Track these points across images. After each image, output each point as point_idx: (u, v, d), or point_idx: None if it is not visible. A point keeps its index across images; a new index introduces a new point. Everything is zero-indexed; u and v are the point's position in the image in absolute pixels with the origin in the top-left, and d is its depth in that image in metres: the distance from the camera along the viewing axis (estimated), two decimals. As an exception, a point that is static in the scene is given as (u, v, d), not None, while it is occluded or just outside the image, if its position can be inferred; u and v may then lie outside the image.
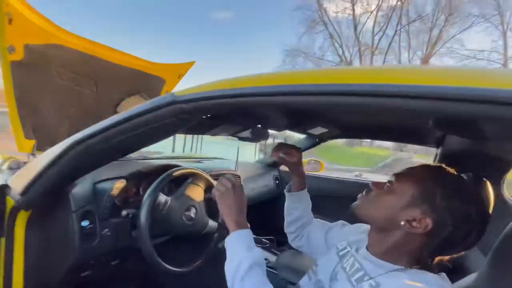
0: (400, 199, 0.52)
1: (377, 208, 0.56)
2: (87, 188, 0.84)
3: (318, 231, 0.82)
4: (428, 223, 0.48)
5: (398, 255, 0.53)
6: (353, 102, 0.41)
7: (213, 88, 0.54)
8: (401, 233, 0.52)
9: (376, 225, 0.57)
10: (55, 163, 0.67)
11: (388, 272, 0.52)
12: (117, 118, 0.63)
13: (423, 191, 0.50)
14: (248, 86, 0.50)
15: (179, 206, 0.92)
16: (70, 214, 0.77)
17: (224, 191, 0.66)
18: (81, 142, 0.66)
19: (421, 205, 0.50)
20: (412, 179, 0.53)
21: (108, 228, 0.85)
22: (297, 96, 0.45)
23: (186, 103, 0.57)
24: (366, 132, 1.44)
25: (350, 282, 0.55)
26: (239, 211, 0.64)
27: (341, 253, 0.65)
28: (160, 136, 0.69)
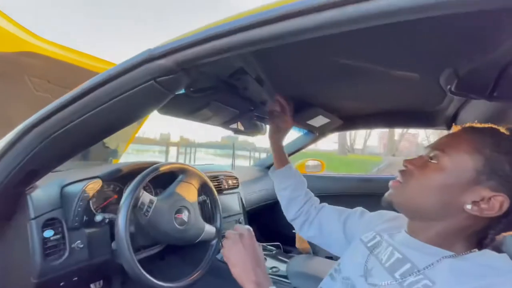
0: (457, 177, 0.41)
1: (428, 193, 0.43)
2: (52, 192, 0.68)
3: (332, 218, 0.69)
4: (503, 201, 0.37)
5: (456, 240, 0.42)
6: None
7: (196, 32, 0.44)
8: (462, 217, 0.41)
9: (427, 215, 0.44)
10: (6, 152, 0.53)
11: (440, 259, 0.40)
12: (83, 87, 0.50)
13: (487, 162, 0.39)
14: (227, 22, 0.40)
15: (167, 207, 0.77)
16: (28, 222, 0.61)
17: (231, 244, 0.53)
18: (39, 124, 0.52)
19: (489, 180, 0.39)
20: (468, 149, 0.41)
21: (80, 240, 0.69)
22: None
23: (166, 57, 0.46)
24: (372, 120, 1.35)
25: (392, 277, 0.42)
26: (256, 265, 0.51)
27: (370, 244, 0.53)
28: (137, 111, 0.56)
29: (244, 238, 0.54)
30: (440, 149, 0.44)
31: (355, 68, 0.70)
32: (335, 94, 0.98)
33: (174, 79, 0.49)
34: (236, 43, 0.40)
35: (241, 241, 0.53)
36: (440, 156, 0.43)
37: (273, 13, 0.36)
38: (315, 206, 0.75)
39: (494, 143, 0.40)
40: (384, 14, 0.32)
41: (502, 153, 0.39)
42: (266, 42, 0.39)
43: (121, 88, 0.49)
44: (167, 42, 0.46)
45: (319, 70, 0.73)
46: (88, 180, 0.74)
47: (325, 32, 0.36)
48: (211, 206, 0.95)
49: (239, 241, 0.53)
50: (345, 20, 0.33)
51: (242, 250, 0.52)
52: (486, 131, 0.43)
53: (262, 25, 0.37)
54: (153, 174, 0.74)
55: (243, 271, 0.50)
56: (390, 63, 0.66)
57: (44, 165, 0.59)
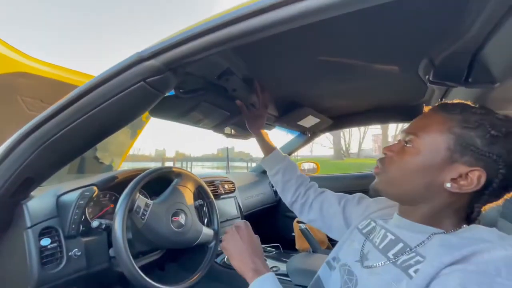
0: (432, 157, 0.42)
1: (408, 177, 0.44)
2: (48, 201, 0.68)
3: (333, 202, 0.70)
4: (480, 175, 0.39)
5: (443, 217, 0.43)
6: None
7: (181, 33, 0.47)
8: (445, 195, 0.42)
9: (412, 198, 0.45)
10: (2, 161, 0.54)
11: (430, 236, 0.41)
12: (76, 92, 0.52)
13: (458, 139, 0.40)
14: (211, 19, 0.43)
15: (164, 210, 0.77)
16: (24, 231, 0.61)
17: (229, 236, 0.56)
18: (35, 130, 0.54)
19: (462, 156, 0.40)
20: (438, 129, 0.42)
21: (77, 248, 0.68)
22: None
23: (154, 57, 0.49)
24: (360, 117, 1.38)
25: (386, 257, 0.44)
26: (254, 254, 0.53)
27: (366, 230, 0.54)
28: (129, 113, 0.57)
29: (241, 230, 0.56)
30: (413, 132, 0.45)
31: (337, 65, 0.74)
32: (322, 93, 1.01)
33: (162, 79, 0.52)
34: (216, 40, 0.43)
35: (238, 233, 0.56)
36: (414, 139, 0.45)
37: (245, 11, 0.39)
38: (314, 189, 0.76)
39: (462, 119, 0.41)
40: (342, 4, 0.35)
41: (471, 129, 0.40)
42: (242, 38, 0.42)
43: (113, 90, 0.51)
44: (154, 44, 0.49)
45: (303, 69, 0.76)
46: (83, 188, 0.75)
47: (295, 23, 0.39)
48: (208, 209, 0.96)
49: (236, 233, 0.56)
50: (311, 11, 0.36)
51: (239, 241, 0.54)
52: (455, 108, 0.44)
53: (236, 22, 0.40)
54: (149, 177, 0.75)
55: (242, 261, 0.52)
56: (368, 57, 0.70)
57: (40, 172, 0.60)
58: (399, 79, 0.86)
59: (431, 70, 0.70)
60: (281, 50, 0.63)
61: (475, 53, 0.58)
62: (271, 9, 0.38)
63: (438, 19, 0.50)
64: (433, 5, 0.47)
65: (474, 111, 0.42)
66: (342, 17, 0.37)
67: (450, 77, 0.68)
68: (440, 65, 0.67)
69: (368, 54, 0.68)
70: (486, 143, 0.39)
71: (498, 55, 0.55)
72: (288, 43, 0.60)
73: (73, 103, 0.53)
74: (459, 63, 0.63)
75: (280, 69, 0.74)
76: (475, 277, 0.31)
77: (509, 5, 0.40)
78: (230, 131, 1.06)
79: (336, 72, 0.79)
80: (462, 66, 0.63)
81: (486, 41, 0.52)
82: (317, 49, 0.64)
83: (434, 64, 0.68)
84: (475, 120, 0.41)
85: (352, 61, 0.72)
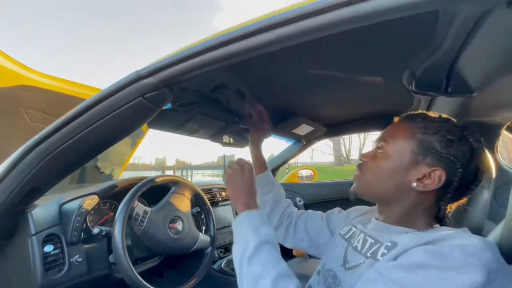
0: (399, 161, 0.48)
1: (380, 179, 0.50)
2: (51, 210, 0.72)
3: (316, 219, 0.73)
4: (441, 174, 0.44)
5: (415, 217, 0.48)
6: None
7: (176, 53, 0.51)
8: (413, 194, 0.47)
9: (386, 198, 0.50)
10: (9, 172, 0.58)
11: (404, 234, 0.45)
12: (81, 106, 0.57)
13: (420, 144, 0.47)
14: (204, 41, 0.47)
15: (162, 217, 0.81)
16: (29, 237, 0.65)
17: (233, 173, 0.62)
18: (42, 142, 0.58)
19: (425, 158, 0.46)
20: (403, 135, 0.49)
21: (78, 254, 0.72)
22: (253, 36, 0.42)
23: (152, 76, 0.53)
24: (353, 125, 1.42)
25: (365, 257, 0.47)
26: (249, 193, 0.60)
27: (347, 236, 0.58)
28: (129, 125, 0.62)
29: (245, 169, 0.62)
30: (384, 139, 0.51)
31: (327, 77, 0.78)
32: (315, 102, 1.06)
33: (159, 95, 0.56)
34: (209, 60, 0.47)
35: (241, 172, 0.61)
36: (384, 146, 0.50)
37: (233, 34, 0.43)
38: (294, 211, 0.79)
39: (423, 126, 0.48)
40: (328, 26, 0.39)
41: (430, 134, 0.46)
42: (234, 57, 0.46)
43: (115, 105, 0.56)
44: (152, 64, 0.53)
45: (294, 81, 0.80)
46: (85, 196, 0.78)
47: (285, 44, 0.43)
48: (205, 216, 0.99)
49: (240, 172, 0.61)
50: (298, 33, 0.41)
51: (240, 179, 0.60)
52: (417, 117, 0.50)
53: (228, 44, 0.45)
54: (147, 185, 0.78)
55: (237, 195, 0.59)
56: (355, 70, 0.74)
57: (45, 182, 0.63)
58: (387, 89, 0.90)
59: (413, 81, 0.74)
60: (272, 64, 0.68)
61: (452, 65, 0.62)
62: (261, 31, 0.42)
63: (413, 34, 0.55)
64: (406, 21, 0.51)
65: (433, 119, 0.49)
66: (328, 35, 0.41)
67: (431, 87, 0.72)
68: (420, 77, 0.72)
69: (355, 67, 0.72)
70: (444, 146, 0.45)
71: (472, 67, 0.59)
72: (279, 58, 0.65)
73: (77, 117, 0.57)
74: (438, 74, 0.67)
75: (272, 81, 0.79)
76: (434, 253, 0.36)
77: (475, 21, 0.44)
78: (229, 140, 1.09)
79: (326, 84, 0.84)
80: (441, 77, 0.67)
81: (459, 54, 0.56)
82: (307, 63, 0.69)
83: (415, 76, 0.73)
84: (434, 127, 0.47)
85: (341, 73, 0.77)
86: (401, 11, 0.36)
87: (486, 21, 0.42)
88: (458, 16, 0.44)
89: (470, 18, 0.43)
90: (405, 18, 0.41)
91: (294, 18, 0.39)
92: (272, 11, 0.42)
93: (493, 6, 0.37)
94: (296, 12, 0.38)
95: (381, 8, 0.35)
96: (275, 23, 0.40)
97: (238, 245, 0.51)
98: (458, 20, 0.45)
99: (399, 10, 0.36)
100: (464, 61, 0.57)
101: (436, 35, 0.53)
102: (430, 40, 0.56)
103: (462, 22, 0.45)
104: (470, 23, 0.45)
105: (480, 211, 0.93)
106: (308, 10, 0.38)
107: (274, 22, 0.40)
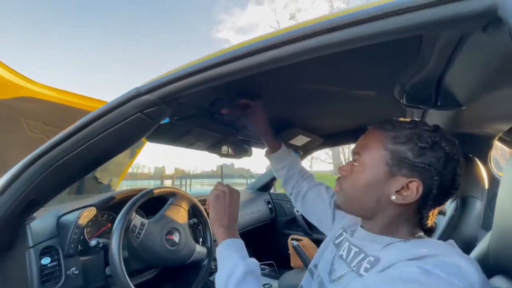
0: (375, 173, 0.46)
1: (359, 195, 0.48)
2: (49, 222, 0.73)
3: (325, 197, 0.75)
4: (418, 185, 0.43)
5: (397, 227, 0.47)
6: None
7: (174, 71, 0.53)
8: (394, 206, 0.46)
9: (367, 213, 0.49)
10: (10, 185, 0.59)
11: (388, 245, 0.45)
12: (82, 121, 0.59)
13: (392, 154, 0.45)
14: (200, 62, 0.50)
15: (159, 229, 0.81)
16: (27, 250, 0.65)
17: (219, 195, 0.60)
18: (44, 155, 0.59)
19: (400, 170, 0.44)
20: (375, 146, 0.47)
21: (75, 267, 0.72)
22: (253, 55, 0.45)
23: (150, 93, 0.55)
24: (349, 136, 1.44)
25: (349, 267, 0.48)
26: (232, 220, 0.58)
27: (337, 242, 0.59)
28: (128, 140, 0.63)
29: (230, 195, 0.60)
30: (357, 152, 0.50)
31: (322, 90, 0.81)
32: (310, 114, 1.08)
33: (157, 110, 0.58)
34: (204, 79, 0.50)
35: (227, 196, 0.59)
36: (358, 158, 0.49)
37: (229, 55, 0.46)
38: (308, 181, 0.81)
39: (395, 135, 0.46)
40: (315, 50, 0.42)
41: (402, 144, 0.45)
42: (230, 76, 0.49)
43: (114, 120, 0.58)
44: (151, 81, 0.56)
45: (290, 95, 0.83)
46: (82, 208, 0.79)
47: (279, 64, 0.45)
48: (202, 227, 0.99)
49: (227, 196, 0.59)
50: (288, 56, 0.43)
51: (223, 204, 0.58)
52: (388, 125, 0.48)
53: (222, 64, 0.47)
54: (145, 197, 0.79)
55: (219, 219, 0.57)
56: (349, 84, 0.77)
57: (45, 194, 0.65)
58: (381, 101, 0.92)
59: (404, 94, 0.76)
60: (268, 79, 0.70)
61: (439, 81, 0.65)
62: (255, 53, 0.44)
63: (400, 52, 0.57)
64: (392, 41, 0.54)
65: (404, 126, 0.47)
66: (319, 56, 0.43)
67: (421, 101, 0.74)
68: (410, 91, 0.74)
69: (349, 81, 0.74)
70: (416, 155, 0.44)
71: (458, 83, 0.62)
72: (276, 73, 0.67)
73: (78, 131, 0.59)
74: (427, 89, 0.69)
75: (268, 95, 0.81)
76: (419, 269, 0.36)
77: (456, 43, 0.47)
78: (227, 150, 1.11)
79: (321, 97, 0.86)
80: (430, 91, 0.69)
81: (445, 71, 0.58)
82: (303, 78, 0.71)
83: (405, 90, 0.75)
84: (405, 135, 0.45)
85: (335, 87, 0.79)
86: (383, 37, 0.38)
87: (466, 43, 0.44)
88: (440, 38, 0.47)
89: (451, 40, 0.46)
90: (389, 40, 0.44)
91: (285, 41, 0.42)
92: (265, 35, 0.44)
93: (470, 30, 0.40)
94: (285, 36, 0.41)
95: (363, 34, 0.37)
96: (267, 46, 0.43)
97: (225, 270, 0.49)
98: (440, 41, 0.48)
99: (382, 36, 0.38)
100: (450, 77, 0.60)
101: (421, 54, 0.56)
102: (416, 59, 0.58)
103: (444, 43, 0.48)
104: (452, 44, 0.47)
105: (473, 221, 0.95)
106: (296, 35, 0.40)
107: (266, 45, 0.43)
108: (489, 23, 0.35)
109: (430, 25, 0.35)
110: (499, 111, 0.77)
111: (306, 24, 0.41)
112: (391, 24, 0.37)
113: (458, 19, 0.33)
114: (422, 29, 0.37)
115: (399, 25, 0.36)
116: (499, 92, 0.58)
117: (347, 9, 0.40)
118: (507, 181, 0.49)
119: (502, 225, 0.49)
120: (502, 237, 0.50)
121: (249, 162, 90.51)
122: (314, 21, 0.41)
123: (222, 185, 0.62)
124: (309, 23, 0.41)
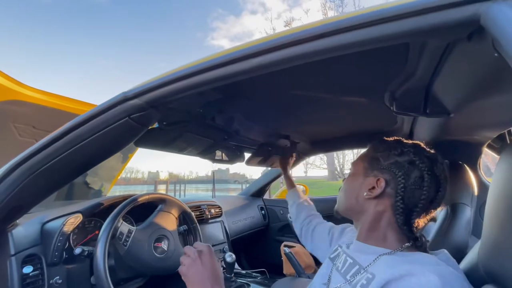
0: (357, 177, 0.57)
1: (346, 196, 0.59)
2: (32, 229, 0.70)
3: (324, 230, 0.82)
4: (382, 181, 0.51)
5: (381, 234, 0.50)
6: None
7: (162, 76, 0.53)
8: (370, 205, 0.52)
9: (352, 211, 0.57)
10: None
11: (378, 257, 0.47)
12: (67, 126, 0.57)
13: (370, 161, 0.56)
14: (188, 67, 0.49)
15: (147, 237, 0.79)
16: (8, 258, 0.63)
17: (191, 262, 0.53)
18: (26, 161, 0.58)
19: (372, 172, 0.54)
20: (360, 157, 0.60)
21: (59, 276, 0.69)
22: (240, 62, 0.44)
23: (138, 97, 0.54)
24: (339, 142, 1.45)
25: (345, 279, 0.49)
26: (214, 283, 0.51)
27: (333, 256, 0.60)
28: (115, 144, 0.62)
29: (203, 255, 0.53)
30: (353, 163, 0.61)
31: (311, 97, 0.81)
32: (300, 121, 1.08)
33: (145, 115, 0.57)
34: (192, 84, 0.49)
35: (200, 258, 0.53)
36: (351, 169, 0.61)
37: (217, 61, 0.45)
38: (314, 220, 0.89)
39: (373, 147, 0.58)
40: (303, 56, 0.42)
41: (378, 152, 0.55)
42: (218, 82, 0.48)
43: (101, 124, 0.56)
44: (138, 86, 0.55)
45: (279, 101, 0.83)
46: (68, 215, 0.77)
47: (268, 70, 0.45)
48: (192, 234, 0.97)
49: (198, 258, 0.52)
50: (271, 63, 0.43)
51: (200, 268, 0.51)
52: (374, 142, 0.60)
53: (210, 70, 0.47)
54: (132, 204, 0.77)
55: (202, 286, 0.50)
56: (339, 92, 0.77)
57: (29, 200, 0.63)
58: (372, 108, 0.93)
59: (393, 102, 0.77)
60: (258, 85, 0.70)
61: (427, 89, 0.66)
62: (243, 59, 0.44)
63: (388, 60, 0.58)
64: (380, 48, 0.54)
65: (384, 141, 0.58)
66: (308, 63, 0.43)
67: (410, 108, 0.75)
68: (400, 98, 0.75)
69: (340, 89, 0.75)
70: (386, 160, 0.53)
71: (445, 92, 0.63)
72: (265, 80, 0.67)
73: (63, 136, 0.58)
74: (416, 96, 0.70)
75: (257, 101, 0.81)
76: None
77: (442, 52, 0.47)
78: (221, 156, 1.10)
79: (310, 104, 0.86)
80: (418, 99, 0.70)
81: (432, 79, 0.59)
82: (292, 84, 0.71)
83: (395, 97, 0.76)
84: (384, 147, 0.56)
85: (325, 95, 0.79)
86: (370, 44, 0.38)
87: (453, 52, 0.45)
88: (427, 46, 0.48)
89: (438, 49, 0.47)
90: (378, 49, 0.44)
91: (272, 48, 0.42)
92: (252, 41, 0.44)
93: (455, 39, 0.40)
94: (273, 43, 0.41)
95: (350, 41, 0.38)
96: (254, 52, 0.42)
97: None
98: (427, 50, 0.48)
99: (369, 43, 0.38)
100: (437, 86, 0.60)
101: (409, 62, 0.57)
102: (405, 67, 0.59)
103: (431, 52, 0.48)
104: (438, 53, 0.48)
105: (463, 228, 0.95)
106: (283, 41, 0.40)
107: (252, 51, 0.42)
108: (473, 32, 0.35)
109: (415, 33, 0.36)
110: (487, 119, 0.78)
111: (294, 31, 0.41)
112: (377, 32, 0.37)
113: (442, 27, 0.34)
114: (408, 37, 0.37)
115: (385, 32, 0.37)
116: (487, 100, 0.59)
117: (334, 16, 0.40)
118: (496, 187, 0.49)
119: (491, 232, 0.49)
120: (491, 245, 0.50)
121: (244, 167, 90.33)
122: (302, 28, 0.41)
123: (190, 249, 0.56)
124: (297, 30, 0.41)
